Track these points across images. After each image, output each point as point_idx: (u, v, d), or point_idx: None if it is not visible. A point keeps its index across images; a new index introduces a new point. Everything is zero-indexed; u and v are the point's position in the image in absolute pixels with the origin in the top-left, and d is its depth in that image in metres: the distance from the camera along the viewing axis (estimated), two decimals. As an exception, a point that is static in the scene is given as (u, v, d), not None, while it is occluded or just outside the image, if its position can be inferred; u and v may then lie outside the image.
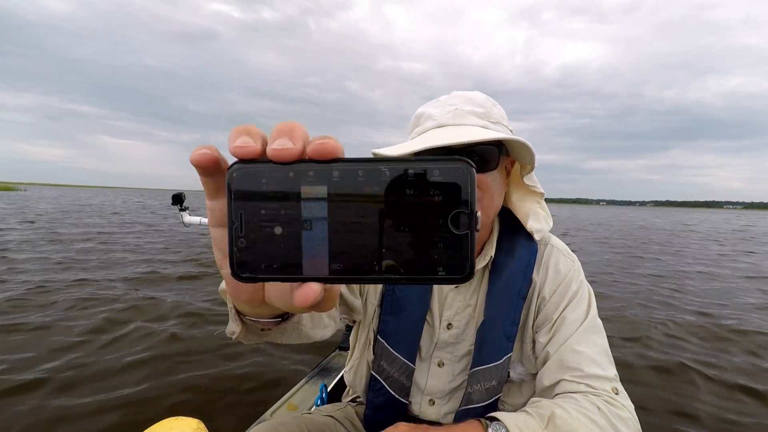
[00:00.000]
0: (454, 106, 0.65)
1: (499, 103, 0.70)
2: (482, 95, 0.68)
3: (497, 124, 0.66)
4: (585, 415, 0.55)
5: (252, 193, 0.22)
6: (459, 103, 0.66)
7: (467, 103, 0.66)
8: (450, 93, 0.69)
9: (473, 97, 0.67)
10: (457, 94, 0.68)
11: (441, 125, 0.65)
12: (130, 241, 7.04)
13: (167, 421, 0.78)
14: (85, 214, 12.49)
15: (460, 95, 0.67)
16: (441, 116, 0.65)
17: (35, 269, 4.39)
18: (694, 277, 5.58)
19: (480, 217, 0.23)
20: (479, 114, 0.65)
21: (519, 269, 0.70)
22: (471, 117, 0.64)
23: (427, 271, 0.22)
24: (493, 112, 0.66)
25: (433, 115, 0.67)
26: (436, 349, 0.75)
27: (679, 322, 3.27)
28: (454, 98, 0.67)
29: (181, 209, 2.35)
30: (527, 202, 0.74)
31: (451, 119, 0.64)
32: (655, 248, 9.21)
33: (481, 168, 0.64)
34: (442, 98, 0.69)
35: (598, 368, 0.63)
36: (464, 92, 0.68)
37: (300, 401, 1.33)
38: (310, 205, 0.22)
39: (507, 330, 0.68)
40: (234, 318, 0.45)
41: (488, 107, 0.66)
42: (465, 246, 0.22)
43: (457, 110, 0.65)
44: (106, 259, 5.19)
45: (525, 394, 0.72)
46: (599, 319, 0.69)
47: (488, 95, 0.69)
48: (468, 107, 0.65)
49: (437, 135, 0.63)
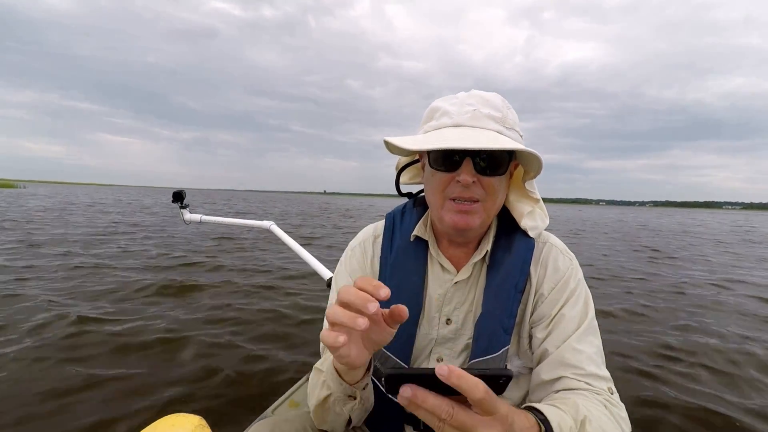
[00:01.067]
0: (473, 107, 0.65)
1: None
2: (500, 98, 0.68)
3: (511, 130, 0.67)
4: (604, 415, 0.56)
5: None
6: (477, 105, 0.66)
7: (485, 105, 0.66)
8: (470, 91, 0.70)
9: (491, 99, 0.67)
10: (476, 94, 0.68)
11: (457, 125, 0.65)
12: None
13: (169, 417, 0.78)
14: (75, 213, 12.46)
15: (479, 96, 0.67)
16: (458, 115, 0.65)
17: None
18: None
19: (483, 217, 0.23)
20: (496, 119, 0.65)
21: (516, 264, 0.71)
22: (488, 121, 0.65)
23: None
24: (508, 117, 0.67)
25: (450, 113, 0.66)
26: (435, 345, 0.75)
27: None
28: (472, 98, 0.67)
29: (182, 207, 2.36)
30: (523, 203, 0.75)
31: (468, 120, 0.65)
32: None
33: (492, 172, 0.65)
34: (460, 95, 0.69)
35: (597, 368, 0.64)
36: (483, 93, 0.68)
37: (302, 399, 1.33)
38: None
39: (504, 323, 0.69)
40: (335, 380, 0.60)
41: (505, 112, 0.67)
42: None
43: (475, 111, 0.65)
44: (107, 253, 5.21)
45: (523, 387, 0.73)
46: (596, 319, 0.71)
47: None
48: (486, 110, 0.65)
49: (455, 134, 0.63)
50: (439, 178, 0.67)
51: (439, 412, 0.39)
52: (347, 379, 0.59)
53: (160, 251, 5.77)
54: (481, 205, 0.67)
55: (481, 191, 0.66)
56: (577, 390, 0.61)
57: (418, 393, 0.39)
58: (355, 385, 0.60)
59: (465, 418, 0.40)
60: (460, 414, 0.39)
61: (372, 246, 0.82)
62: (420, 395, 0.38)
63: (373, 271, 0.80)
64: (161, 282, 3.91)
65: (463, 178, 0.63)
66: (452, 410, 0.39)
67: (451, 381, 0.37)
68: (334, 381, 0.60)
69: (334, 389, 0.61)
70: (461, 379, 0.37)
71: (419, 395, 0.38)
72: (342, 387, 0.60)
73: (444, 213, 0.68)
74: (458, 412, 0.39)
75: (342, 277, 0.81)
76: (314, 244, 7.53)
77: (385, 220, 0.83)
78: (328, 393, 0.63)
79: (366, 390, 0.62)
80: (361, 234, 0.85)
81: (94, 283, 3.81)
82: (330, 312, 0.46)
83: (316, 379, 0.69)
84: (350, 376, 0.59)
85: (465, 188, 0.65)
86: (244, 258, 5.60)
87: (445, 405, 0.39)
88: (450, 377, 0.37)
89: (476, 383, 0.38)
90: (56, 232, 7.40)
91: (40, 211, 12.25)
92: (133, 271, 4.41)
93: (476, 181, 0.65)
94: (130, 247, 6.02)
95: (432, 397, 0.39)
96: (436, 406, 0.39)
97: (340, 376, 0.60)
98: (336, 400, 0.62)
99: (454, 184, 0.66)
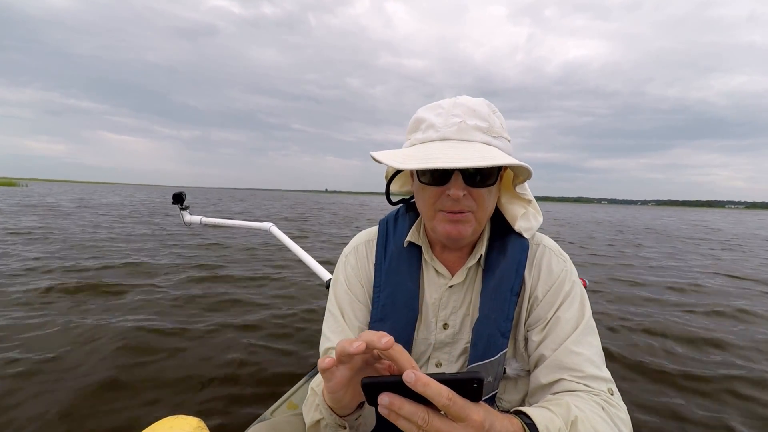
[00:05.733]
0: (459, 118, 0.64)
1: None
2: (486, 105, 0.68)
3: (499, 138, 0.66)
4: (599, 416, 0.56)
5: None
6: (463, 116, 0.65)
7: (471, 116, 0.65)
8: (452, 99, 0.68)
9: (477, 109, 0.66)
10: (461, 103, 0.66)
11: (444, 138, 0.64)
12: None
13: (167, 419, 0.78)
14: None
15: (464, 106, 0.66)
16: (444, 128, 0.64)
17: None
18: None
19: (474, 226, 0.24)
20: (483, 129, 0.65)
21: (511, 266, 0.71)
22: (475, 132, 0.64)
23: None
24: (495, 125, 0.66)
25: (435, 125, 0.65)
26: (434, 351, 0.75)
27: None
28: (457, 108, 0.65)
29: (182, 208, 2.36)
30: (516, 205, 0.75)
31: (455, 133, 0.64)
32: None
33: (481, 184, 0.65)
34: (446, 105, 0.67)
35: (596, 369, 0.64)
36: (467, 101, 0.67)
37: (300, 400, 1.33)
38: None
39: (501, 326, 0.68)
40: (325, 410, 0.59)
41: (491, 120, 0.66)
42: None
43: (461, 123, 0.64)
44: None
45: (521, 390, 0.72)
46: (593, 319, 0.70)
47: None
48: (472, 121, 0.64)
49: (442, 150, 0.62)
50: (428, 192, 0.67)
51: (416, 418, 0.39)
52: (338, 412, 0.58)
53: (163, 251, 5.78)
54: (472, 215, 0.67)
55: (471, 202, 0.66)
56: (576, 392, 0.61)
57: (395, 401, 0.39)
58: (345, 418, 0.59)
59: (440, 424, 0.40)
60: (435, 421, 0.40)
61: (366, 252, 0.82)
62: (396, 403, 0.39)
63: (367, 277, 0.79)
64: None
65: (453, 192, 0.63)
66: (428, 417, 0.40)
67: (417, 388, 0.38)
68: (326, 410, 0.59)
69: (326, 416, 0.60)
70: (427, 386, 0.38)
71: (396, 403, 0.39)
72: (333, 418, 0.59)
73: (436, 224, 0.68)
74: (433, 419, 0.40)
75: (339, 283, 0.81)
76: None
77: (379, 227, 0.83)
78: (320, 417, 0.62)
79: (358, 420, 0.61)
80: (354, 240, 0.85)
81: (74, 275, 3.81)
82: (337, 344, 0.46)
83: (311, 399, 0.68)
84: (340, 411, 0.58)
85: (455, 201, 0.65)
86: (244, 258, 5.60)
87: (421, 412, 0.39)
88: (416, 384, 0.37)
89: (439, 390, 0.38)
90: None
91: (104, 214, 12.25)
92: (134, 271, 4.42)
93: (466, 194, 0.65)
94: (134, 247, 6.03)
95: (408, 404, 0.39)
96: (412, 413, 0.39)
97: (331, 408, 0.58)
98: (327, 426, 0.61)
99: (444, 197, 0.65)
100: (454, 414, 0.40)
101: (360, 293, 0.78)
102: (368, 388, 0.40)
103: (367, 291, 0.79)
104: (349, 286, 0.79)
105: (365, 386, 0.40)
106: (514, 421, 0.48)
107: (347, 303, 0.78)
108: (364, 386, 0.40)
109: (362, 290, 0.79)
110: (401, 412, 0.39)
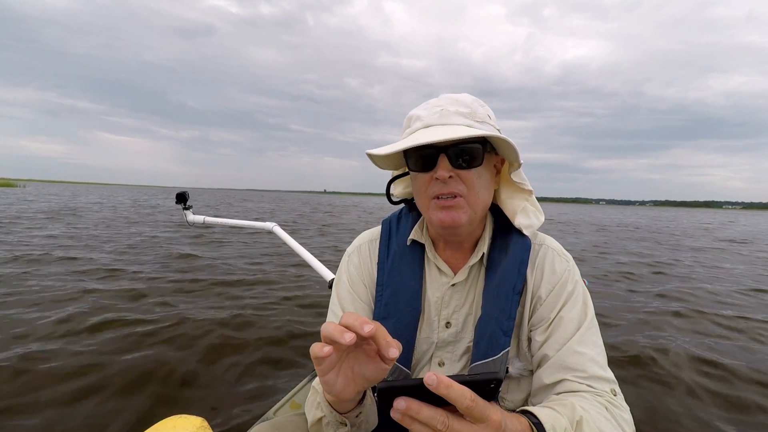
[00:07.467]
0: (440, 107, 0.68)
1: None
2: (469, 97, 0.71)
3: (483, 123, 0.68)
4: (603, 416, 0.56)
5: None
6: (445, 104, 0.68)
7: (453, 104, 0.68)
8: (439, 96, 0.72)
9: (459, 98, 0.70)
10: (445, 96, 0.71)
11: (427, 125, 0.67)
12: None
13: (171, 419, 0.78)
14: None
15: (447, 97, 0.70)
16: (428, 117, 0.68)
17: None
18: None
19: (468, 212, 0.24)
20: (464, 114, 0.67)
21: (513, 265, 0.71)
22: (456, 117, 0.67)
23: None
24: (478, 111, 0.69)
25: (421, 117, 0.69)
26: (436, 349, 0.75)
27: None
28: (441, 100, 0.70)
29: (185, 208, 2.37)
30: (516, 199, 0.76)
31: (437, 119, 0.67)
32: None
33: (468, 165, 0.66)
34: (431, 101, 0.71)
35: (599, 369, 0.64)
36: (452, 94, 0.71)
37: (303, 400, 1.33)
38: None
39: (503, 325, 0.68)
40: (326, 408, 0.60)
41: (474, 107, 0.69)
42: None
43: (443, 110, 0.67)
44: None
45: (524, 390, 0.72)
46: (596, 320, 0.70)
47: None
48: (454, 108, 0.68)
49: (423, 134, 0.65)
50: (420, 179, 0.69)
51: (435, 423, 0.38)
52: (337, 408, 0.58)
53: (167, 251, 5.80)
54: (463, 200, 0.67)
55: (461, 186, 0.67)
56: (579, 392, 0.61)
57: (413, 405, 0.38)
58: (346, 415, 0.59)
59: (460, 427, 0.39)
60: (455, 424, 0.39)
61: (369, 251, 0.82)
62: (414, 407, 0.38)
63: (370, 276, 0.80)
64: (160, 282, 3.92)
65: (440, 173, 0.65)
66: (447, 420, 0.38)
67: (440, 391, 0.36)
68: (326, 407, 0.59)
69: (326, 414, 0.60)
70: (450, 388, 0.37)
71: (413, 407, 0.38)
72: (333, 414, 0.59)
73: (431, 213, 0.69)
74: (453, 422, 0.39)
75: (341, 283, 0.81)
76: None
77: (381, 226, 0.84)
78: (321, 415, 0.63)
79: (359, 417, 0.61)
80: (357, 240, 0.86)
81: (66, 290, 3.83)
82: (323, 327, 0.46)
83: (313, 398, 0.69)
84: (340, 406, 0.58)
85: (444, 184, 0.66)
86: (245, 259, 5.61)
87: (440, 416, 0.38)
88: (438, 387, 0.36)
89: (463, 392, 0.37)
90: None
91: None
92: (130, 275, 4.44)
93: (454, 177, 0.66)
94: (141, 245, 6.06)
95: (426, 408, 0.38)
96: (431, 417, 0.38)
97: (331, 404, 0.59)
98: (329, 423, 0.62)
99: (434, 182, 0.67)
100: (476, 415, 0.39)
101: (362, 293, 0.79)
102: (384, 393, 0.39)
103: (370, 290, 0.79)
104: (352, 285, 0.79)
105: (381, 392, 0.39)
106: (522, 420, 0.48)
107: (349, 302, 0.78)
108: (380, 392, 0.39)
109: (365, 290, 0.79)
110: (419, 417, 0.38)
